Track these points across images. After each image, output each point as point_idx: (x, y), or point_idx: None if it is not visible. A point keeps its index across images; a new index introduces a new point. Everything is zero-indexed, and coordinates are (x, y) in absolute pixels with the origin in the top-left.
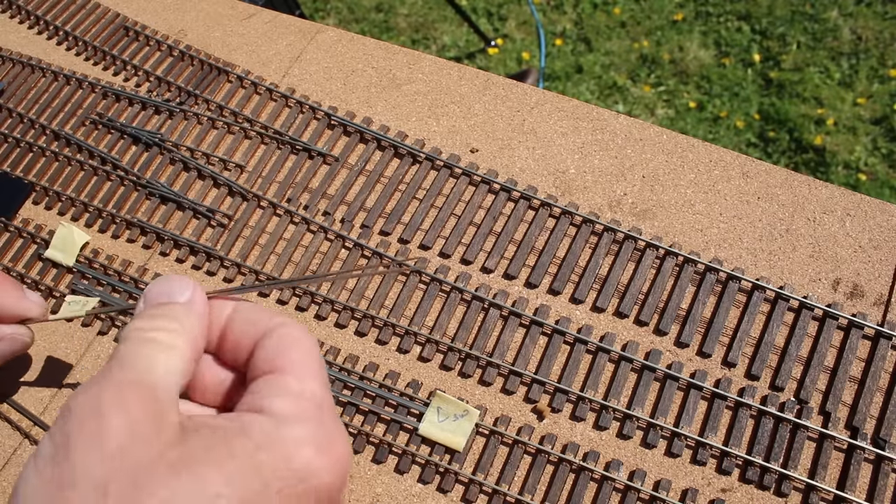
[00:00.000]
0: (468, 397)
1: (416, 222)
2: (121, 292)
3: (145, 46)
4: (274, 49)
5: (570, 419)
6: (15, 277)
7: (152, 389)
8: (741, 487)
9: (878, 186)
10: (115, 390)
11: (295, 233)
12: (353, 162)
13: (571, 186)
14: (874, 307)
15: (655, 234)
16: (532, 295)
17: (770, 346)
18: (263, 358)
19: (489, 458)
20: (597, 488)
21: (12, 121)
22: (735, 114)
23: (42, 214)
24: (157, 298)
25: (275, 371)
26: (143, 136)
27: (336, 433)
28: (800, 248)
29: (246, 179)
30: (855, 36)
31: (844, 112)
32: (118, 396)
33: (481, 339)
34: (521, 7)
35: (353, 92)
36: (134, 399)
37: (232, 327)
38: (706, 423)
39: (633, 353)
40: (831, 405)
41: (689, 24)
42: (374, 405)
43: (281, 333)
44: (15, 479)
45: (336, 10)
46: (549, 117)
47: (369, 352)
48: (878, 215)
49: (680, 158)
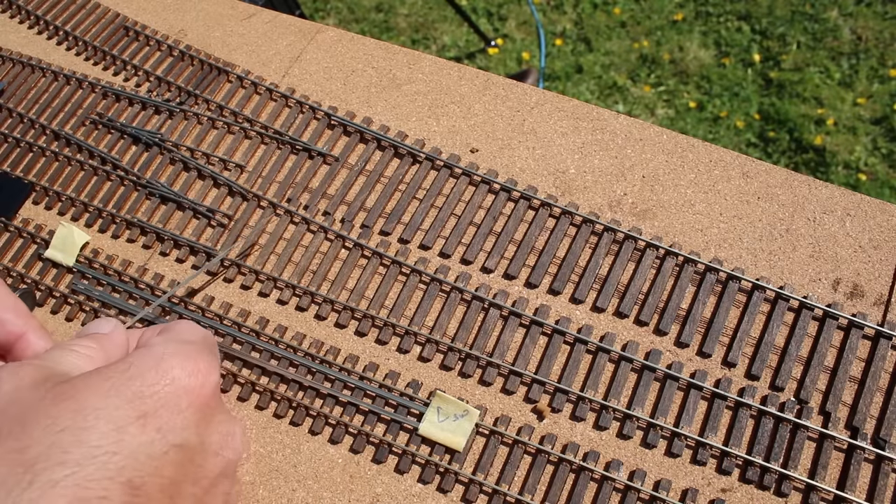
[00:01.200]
0: (468, 397)
1: (416, 222)
2: (121, 292)
3: (145, 46)
4: (274, 49)
5: (570, 419)
6: (15, 277)
7: (48, 368)
8: (741, 487)
9: (878, 186)
10: (15, 370)
11: (295, 233)
12: (353, 162)
13: (571, 186)
14: (874, 307)
15: (655, 234)
16: (532, 295)
17: (770, 346)
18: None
19: (489, 458)
20: (597, 488)
21: (12, 121)
22: (735, 114)
23: (42, 214)
24: (87, 330)
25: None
26: (143, 136)
27: (199, 353)
28: (800, 248)
29: (246, 179)
30: (855, 36)
31: (844, 112)
32: (15, 372)
33: (481, 339)
34: (521, 7)
35: (353, 92)
36: (27, 371)
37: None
38: (706, 423)
39: (633, 353)
40: (831, 405)
41: (689, 24)
42: (374, 405)
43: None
44: None
45: (336, 10)
46: (549, 117)
47: (369, 352)
48: (878, 215)
49: (680, 158)
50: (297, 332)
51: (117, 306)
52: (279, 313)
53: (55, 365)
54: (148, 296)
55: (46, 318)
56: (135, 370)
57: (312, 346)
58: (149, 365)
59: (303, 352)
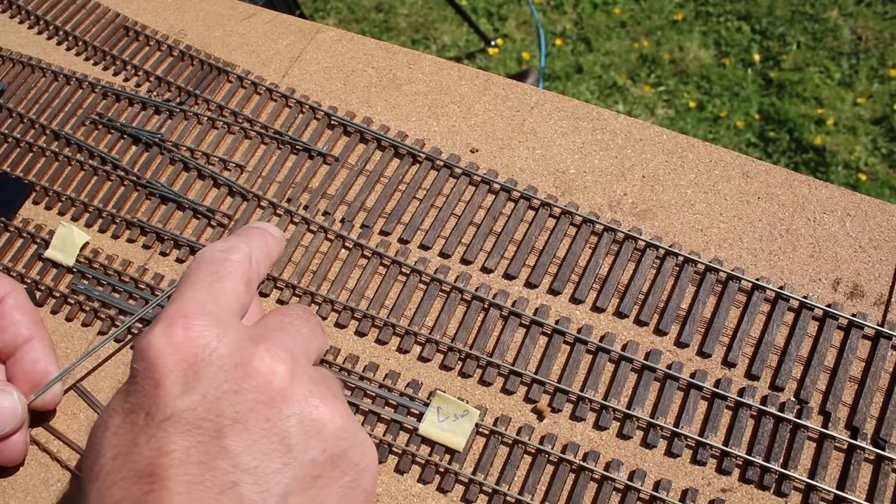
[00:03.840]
0: (468, 397)
1: (416, 222)
2: (121, 292)
3: (145, 46)
4: (274, 49)
5: (570, 419)
6: (15, 277)
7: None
8: (741, 487)
9: (878, 186)
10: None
11: (295, 233)
12: (353, 162)
13: (571, 186)
14: (874, 307)
15: (655, 234)
16: (532, 295)
17: (770, 346)
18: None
19: (489, 458)
20: (597, 488)
21: (12, 121)
22: (735, 114)
23: (42, 214)
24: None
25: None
26: (143, 136)
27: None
28: (800, 248)
29: (246, 179)
30: (855, 36)
31: (844, 112)
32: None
33: (481, 338)
34: (521, 7)
35: (353, 92)
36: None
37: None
38: (706, 423)
39: (633, 353)
40: (831, 405)
41: (689, 24)
42: (374, 405)
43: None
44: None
45: (336, 10)
46: (549, 117)
47: (369, 352)
48: (878, 215)
49: (680, 158)
50: None
51: (117, 306)
52: None
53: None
54: (148, 296)
55: (46, 318)
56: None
57: None
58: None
59: None
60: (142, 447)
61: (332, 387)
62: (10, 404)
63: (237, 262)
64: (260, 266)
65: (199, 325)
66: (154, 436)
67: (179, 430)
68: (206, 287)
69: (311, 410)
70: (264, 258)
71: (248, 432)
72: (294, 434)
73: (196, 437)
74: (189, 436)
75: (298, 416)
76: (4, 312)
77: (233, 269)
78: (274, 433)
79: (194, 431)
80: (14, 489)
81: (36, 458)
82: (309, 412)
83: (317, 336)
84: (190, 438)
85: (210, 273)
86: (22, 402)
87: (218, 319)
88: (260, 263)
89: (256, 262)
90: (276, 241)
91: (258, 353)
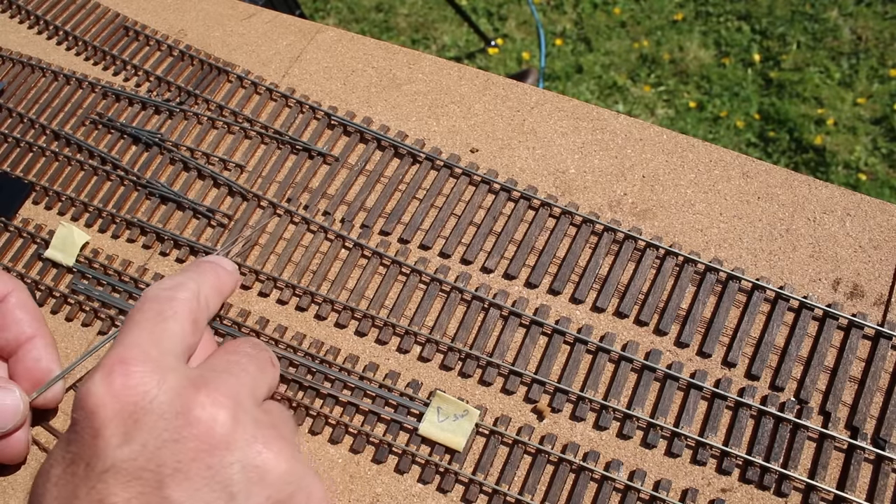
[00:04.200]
0: (468, 397)
1: (416, 222)
2: (121, 292)
3: (145, 46)
4: (274, 49)
5: (570, 419)
6: (15, 277)
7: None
8: (741, 487)
9: (878, 186)
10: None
11: (295, 233)
12: (353, 162)
13: (571, 186)
14: (874, 307)
15: (655, 234)
16: (532, 295)
17: (770, 346)
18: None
19: (489, 458)
20: (597, 488)
21: (12, 121)
22: (735, 114)
23: (42, 214)
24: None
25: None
26: (143, 136)
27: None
28: (800, 248)
29: (246, 179)
30: (855, 36)
31: (844, 112)
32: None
33: (481, 338)
34: (521, 7)
35: (353, 92)
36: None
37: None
38: (706, 423)
39: (633, 353)
40: (831, 405)
41: (689, 24)
42: (374, 405)
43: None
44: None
45: (336, 10)
46: (549, 117)
47: (369, 352)
48: (878, 215)
49: (680, 158)
50: (297, 332)
51: (117, 306)
52: (279, 313)
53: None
54: None
55: (46, 318)
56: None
57: (312, 346)
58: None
59: (303, 352)
60: (82, 499)
61: (280, 427)
62: (12, 402)
63: (183, 300)
64: (209, 303)
65: (139, 373)
66: (94, 487)
67: (119, 482)
68: (149, 329)
69: (254, 457)
70: (214, 294)
71: (190, 482)
72: (237, 482)
73: (137, 487)
74: (130, 487)
75: (241, 464)
76: (7, 311)
77: (179, 309)
78: (216, 482)
79: (135, 482)
80: (14, 488)
81: (37, 457)
82: (252, 459)
83: (265, 373)
84: (130, 489)
85: (155, 314)
86: (24, 400)
87: (159, 365)
88: (209, 300)
89: (206, 298)
90: (229, 276)
91: (199, 399)
